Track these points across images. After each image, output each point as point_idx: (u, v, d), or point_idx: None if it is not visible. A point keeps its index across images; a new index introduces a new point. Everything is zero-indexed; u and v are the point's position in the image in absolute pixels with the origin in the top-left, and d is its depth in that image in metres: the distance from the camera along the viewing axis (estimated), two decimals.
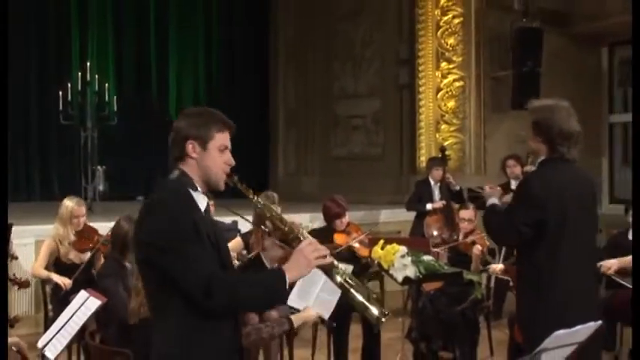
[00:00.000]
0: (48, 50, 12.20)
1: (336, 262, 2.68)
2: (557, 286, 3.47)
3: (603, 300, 5.78)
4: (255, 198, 2.77)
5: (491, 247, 6.82)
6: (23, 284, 5.72)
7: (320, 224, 6.66)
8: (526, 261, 3.61)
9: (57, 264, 5.97)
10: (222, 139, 2.70)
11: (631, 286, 4.76)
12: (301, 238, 2.71)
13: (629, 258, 5.31)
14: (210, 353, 2.52)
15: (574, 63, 10.12)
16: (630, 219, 5.91)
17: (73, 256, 5.95)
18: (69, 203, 6.03)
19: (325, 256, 2.58)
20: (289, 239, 2.74)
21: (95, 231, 6.11)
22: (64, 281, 5.76)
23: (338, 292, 4.96)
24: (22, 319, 5.87)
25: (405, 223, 8.62)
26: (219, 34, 13.72)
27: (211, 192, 2.71)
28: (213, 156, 2.66)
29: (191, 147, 2.63)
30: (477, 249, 6.08)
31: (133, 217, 4.87)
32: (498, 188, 3.99)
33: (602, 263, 5.52)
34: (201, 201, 2.63)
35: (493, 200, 3.85)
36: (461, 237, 6.41)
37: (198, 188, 2.63)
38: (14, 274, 5.85)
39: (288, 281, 2.49)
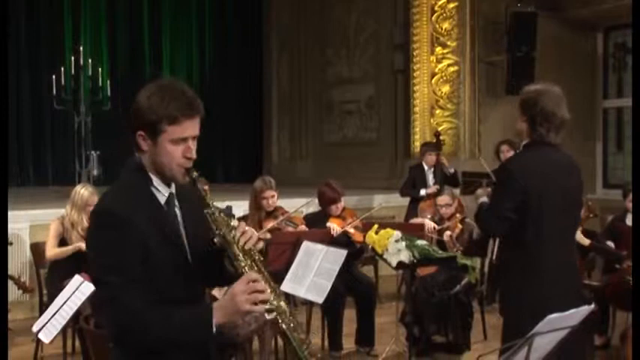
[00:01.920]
0: (40, 34, 12.10)
1: (270, 306, 2.21)
2: (543, 269, 3.49)
3: (598, 286, 5.81)
4: (213, 206, 2.30)
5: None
6: (27, 289, 5.67)
7: (314, 209, 6.67)
8: (512, 244, 3.61)
9: (61, 246, 5.97)
10: (177, 131, 2.20)
11: None
12: (243, 272, 2.22)
13: None
14: None
15: (569, 48, 10.10)
16: (628, 204, 5.94)
17: (77, 242, 5.95)
18: (84, 192, 6.01)
19: (265, 301, 2.16)
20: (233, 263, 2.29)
21: None
22: None
23: (333, 276, 5.01)
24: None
25: (399, 208, 8.64)
26: (212, 20, 13.67)
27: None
28: (167, 151, 2.21)
29: (141, 139, 2.23)
30: (446, 235, 6.22)
31: None
32: (488, 189, 4.00)
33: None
34: (161, 194, 2.29)
35: (483, 199, 3.84)
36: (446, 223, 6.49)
37: (154, 182, 2.28)
38: (19, 276, 5.82)
39: (214, 323, 2.14)
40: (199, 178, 2.27)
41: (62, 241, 5.95)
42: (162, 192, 2.30)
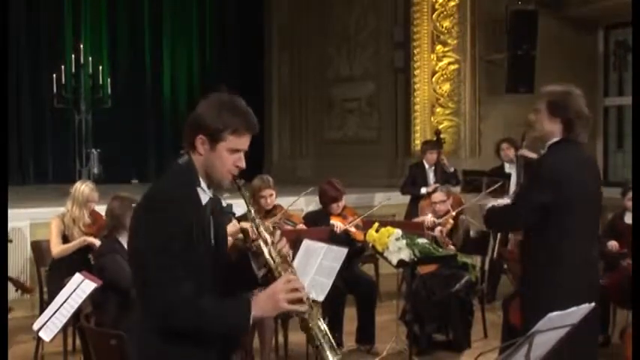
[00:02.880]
0: (40, 32, 12.10)
1: (307, 308, 2.39)
2: (566, 265, 3.55)
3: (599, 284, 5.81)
4: (253, 212, 2.47)
5: (485, 231, 6.84)
6: (28, 290, 5.67)
7: (313, 204, 6.66)
8: (535, 242, 3.68)
9: (63, 243, 5.97)
10: (235, 142, 2.40)
11: None
12: (282, 273, 2.37)
13: None
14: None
15: (569, 46, 10.09)
16: (627, 202, 5.95)
17: (79, 238, 5.97)
18: (84, 188, 6.03)
19: (301, 300, 2.34)
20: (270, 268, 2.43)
21: (101, 216, 6.10)
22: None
23: (334, 274, 5.01)
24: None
25: (400, 206, 8.63)
26: (213, 17, 13.65)
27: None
28: (222, 157, 2.40)
29: (200, 142, 2.39)
30: (437, 230, 6.22)
31: (124, 196, 4.93)
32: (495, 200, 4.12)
33: None
34: (204, 195, 2.44)
35: (492, 204, 4.00)
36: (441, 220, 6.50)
37: (202, 183, 2.43)
38: (19, 277, 5.82)
39: (252, 317, 2.30)
40: (242, 187, 2.46)
41: (64, 238, 5.97)
42: (205, 194, 2.44)
